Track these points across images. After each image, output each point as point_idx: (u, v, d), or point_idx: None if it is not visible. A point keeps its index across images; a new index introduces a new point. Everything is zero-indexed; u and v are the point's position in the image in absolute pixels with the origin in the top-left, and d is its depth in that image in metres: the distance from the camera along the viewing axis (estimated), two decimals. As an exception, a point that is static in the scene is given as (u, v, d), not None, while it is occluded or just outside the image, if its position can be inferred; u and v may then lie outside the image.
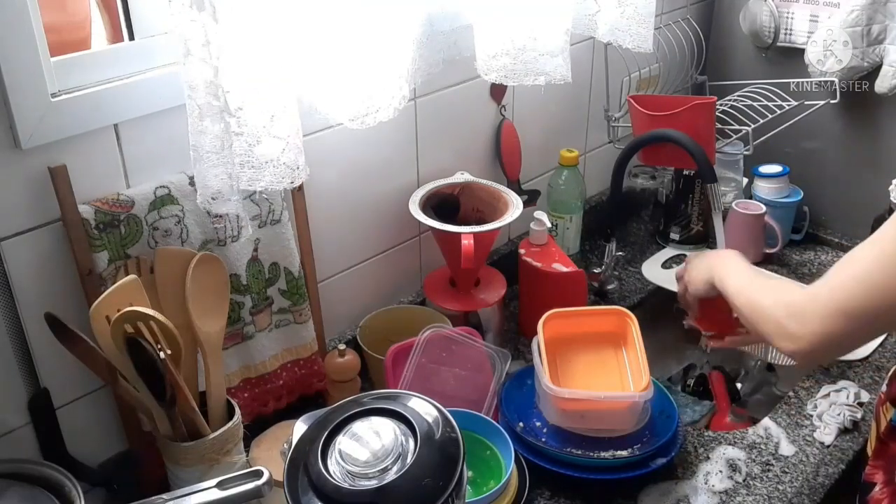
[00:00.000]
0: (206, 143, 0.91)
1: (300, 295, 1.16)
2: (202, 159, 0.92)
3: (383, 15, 1.01)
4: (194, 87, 0.88)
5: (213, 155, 0.92)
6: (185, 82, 0.88)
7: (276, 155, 0.92)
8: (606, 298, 1.54)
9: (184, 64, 0.87)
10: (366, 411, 0.77)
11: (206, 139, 0.91)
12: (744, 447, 1.17)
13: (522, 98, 1.48)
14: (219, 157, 0.92)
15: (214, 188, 0.93)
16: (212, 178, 0.93)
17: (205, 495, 0.86)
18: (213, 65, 0.86)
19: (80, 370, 0.92)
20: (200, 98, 0.88)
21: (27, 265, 0.93)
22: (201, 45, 0.86)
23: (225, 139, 0.91)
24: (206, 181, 0.93)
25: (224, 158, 0.92)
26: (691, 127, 1.37)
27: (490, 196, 1.34)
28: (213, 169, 0.92)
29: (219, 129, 0.90)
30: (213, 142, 0.91)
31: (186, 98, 0.89)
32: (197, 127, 0.90)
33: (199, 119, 0.89)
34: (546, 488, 1.11)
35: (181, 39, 0.86)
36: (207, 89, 0.88)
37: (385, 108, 1.05)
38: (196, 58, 0.86)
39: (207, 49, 0.86)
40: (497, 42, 1.17)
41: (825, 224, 1.72)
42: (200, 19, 0.84)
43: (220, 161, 0.92)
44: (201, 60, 0.86)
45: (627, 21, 1.33)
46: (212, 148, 0.91)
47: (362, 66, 1.02)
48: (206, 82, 0.88)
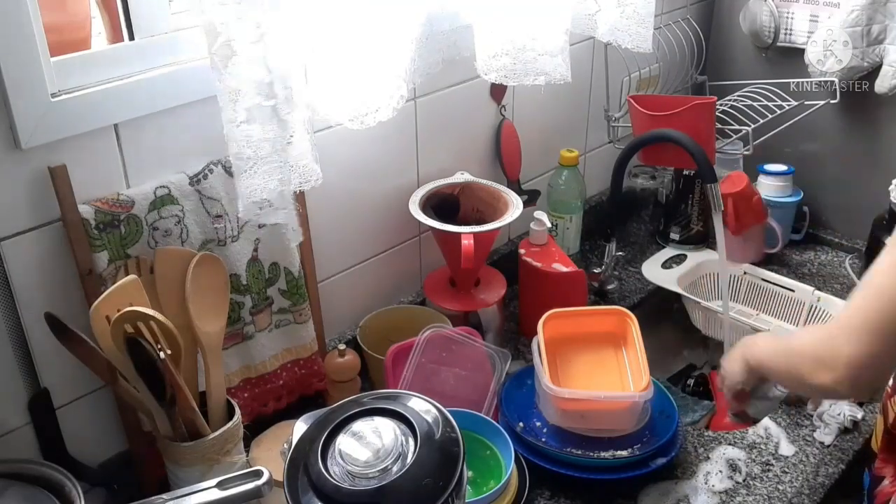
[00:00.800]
0: (249, 151, 0.86)
1: (300, 295, 1.16)
2: (247, 169, 0.87)
3: (383, 15, 1.01)
4: (240, 91, 0.83)
5: (261, 162, 0.87)
6: (226, 88, 0.83)
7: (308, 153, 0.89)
8: (606, 298, 1.54)
9: (225, 67, 0.82)
10: (366, 411, 0.77)
11: (251, 146, 0.86)
12: (744, 447, 1.17)
13: (522, 98, 1.48)
14: (268, 165, 0.87)
15: (262, 197, 0.88)
16: (260, 187, 0.88)
17: (205, 495, 0.86)
18: (266, 64, 0.81)
19: (80, 370, 0.92)
20: (248, 101, 0.84)
21: (27, 265, 0.93)
22: (251, 43, 0.81)
23: (276, 142, 0.86)
24: (253, 191, 0.88)
25: (273, 164, 0.87)
26: (691, 127, 1.37)
27: (490, 196, 1.34)
28: (262, 178, 0.87)
29: (269, 133, 0.86)
30: (260, 147, 0.86)
31: (227, 103, 0.84)
32: (244, 133, 0.85)
33: (246, 124, 0.85)
34: (546, 488, 1.11)
35: (220, 41, 0.81)
36: (258, 90, 0.84)
37: (384, 107, 1.05)
38: (243, 58, 0.82)
39: (260, 45, 0.81)
40: (497, 42, 1.17)
41: (825, 224, 1.72)
42: (251, 15, 0.80)
43: (269, 167, 0.87)
44: (249, 60, 0.82)
45: (627, 21, 1.33)
46: (260, 154, 0.87)
47: (362, 66, 1.02)
48: (255, 83, 0.83)
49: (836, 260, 1.66)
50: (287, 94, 0.85)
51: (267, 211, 0.90)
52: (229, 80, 0.83)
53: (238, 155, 0.87)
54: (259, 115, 0.85)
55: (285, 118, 0.85)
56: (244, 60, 0.82)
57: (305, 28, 0.97)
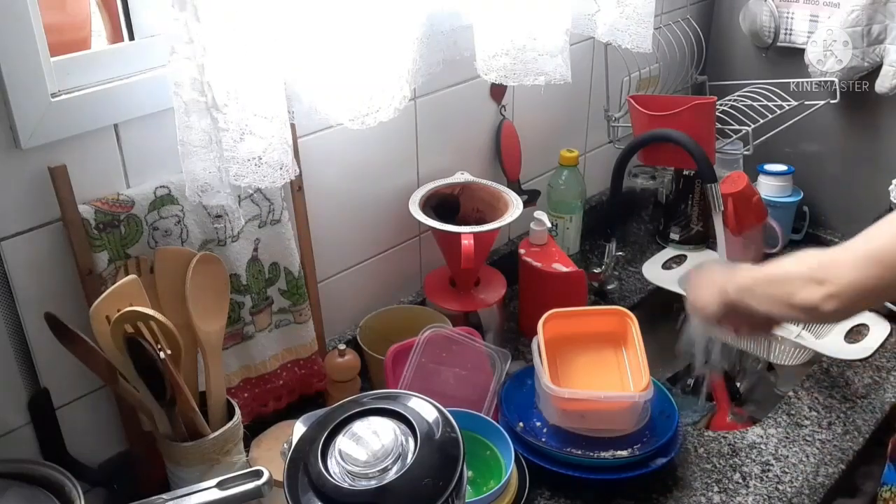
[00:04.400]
0: (193, 138, 0.92)
1: (300, 295, 1.16)
2: (190, 154, 0.93)
3: (384, 15, 1.01)
4: (180, 84, 0.89)
5: (201, 149, 0.93)
6: (170, 80, 0.89)
7: (258, 153, 0.93)
8: (606, 298, 1.54)
9: (169, 62, 0.88)
10: (366, 411, 0.77)
11: (194, 134, 0.92)
12: (744, 447, 1.17)
13: (522, 98, 1.48)
14: (206, 152, 0.93)
15: (202, 181, 0.95)
16: (200, 171, 0.94)
17: (205, 495, 0.86)
18: (198, 62, 0.87)
19: (80, 370, 0.92)
20: (186, 94, 0.89)
21: (27, 265, 0.93)
22: (185, 43, 0.86)
23: (213, 134, 0.92)
24: (195, 174, 0.94)
25: (211, 153, 0.93)
26: (691, 127, 1.37)
27: (490, 196, 1.34)
28: (201, 163, 0.94)
29: (205, 125, 0.91)
30: (200, 137, 0.92)
31: (172, 95, 0.89)
32: (184, 122, 0.91)
33: (185, 115, 0.91)
34: (546, 488, 1.11)
35: (166, 38, 0.87)
36: (192, 86, 0.89)
37: (385, 108, 1.05)
38: (180, 55, 0.87)
39: (191, 47, 0.87)
40: (497, 42, 1.17)
41: (825, 224, 1.72)
42: (182, 18, 0.85)
43: (208, 155, 0.93)
44: (185, 58, 0.87)
45: (627, 21, 1.33)
46: (199, 143, 0.92)
47: (363, 66, 1.02)
48: (190, 79, 0.89)
49: (836, 260, 1.66)
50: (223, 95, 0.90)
51: (208, 193, 0.96)
52: (171, 73, 0.89)
53: (182, 141, 0.92)
54: (195, 108, 0.90)
55: (216, 116, 0.90)
56: (181, 58, 0.88)
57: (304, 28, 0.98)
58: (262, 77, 0.92)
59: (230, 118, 0.91)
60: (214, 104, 0.89)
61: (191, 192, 0.95)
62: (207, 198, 0.96)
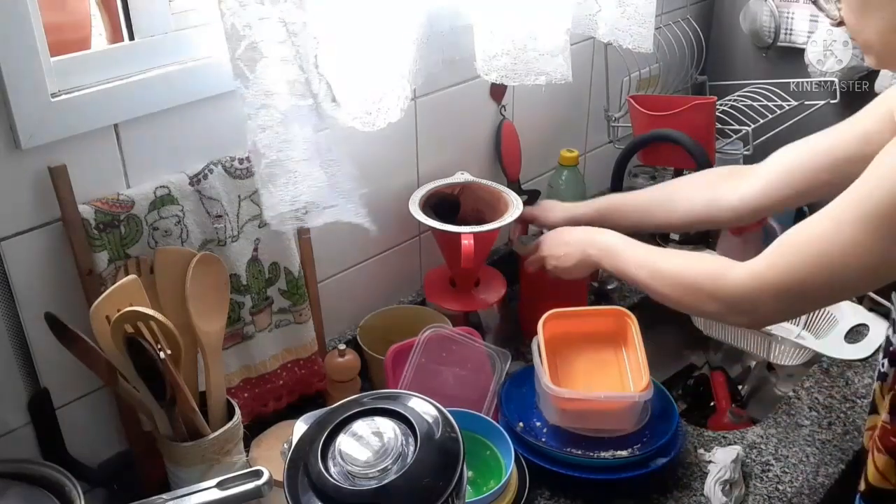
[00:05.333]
0: (293, 154, 0.82)
1: (300, 295, 1.16)
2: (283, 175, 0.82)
3: (384, 15, 1.01)
4: (272, 94, 0.80)
5: (305, 164, 0.83)
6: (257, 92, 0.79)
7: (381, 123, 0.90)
8: (606, 298, 1.54)
9: (252, 72, 0.78)
10: (366, 411, 0.77)
11: (296, 149, 0.82)
12: (744, 447, 1.17)
13: (522, 98, 1.48)
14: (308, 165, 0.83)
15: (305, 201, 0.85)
16: (305, 190, 0.84)
17: (205, 495, 0.86)
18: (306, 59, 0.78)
19: (80, 370, 0.92)
20: (283, 103, 0.81)
21: (27, 265, 0.93)
22: (279, 43, 0.78)
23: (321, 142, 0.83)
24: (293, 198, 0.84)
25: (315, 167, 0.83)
26: (691, 127, 1.38)
27: (490, 196, 1.34)
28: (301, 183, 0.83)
29: (309, 133, 0.83)
30: (305, 148, 0.83)
31: (257, 109, 0.80)
32: (278, 138, 0.81)
33: (282, 127, 0.81)
34: (546, 488, 1.11)
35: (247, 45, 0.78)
36: (293, 90, 0.81)
37: (393, 108, 1.04)
38: (274, 59, 0.79)
39: (292, 42, 0.78)
40: (497, 42, 1.17)
41: (825, 224, 1.72)
42: (275, 14, 0.77)
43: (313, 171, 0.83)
44: (281, 60, 0.79)
45: (628, 21, 1.33)
46: (304, 155, 0.83)
47: (364, 67, 1.01)
48: (289, 83, 0.81)
49: (836, 260, 1.66)
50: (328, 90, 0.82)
51: (313, 214, 0.85)
52: (257, 85, 0.79)
53: (273, 161, 0.82)
54: (296, 115, 0.81)
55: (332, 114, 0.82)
56: (275, 61, 0.78)
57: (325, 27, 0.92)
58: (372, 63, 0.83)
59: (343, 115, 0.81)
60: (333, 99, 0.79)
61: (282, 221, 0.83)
62: (312, 219, 0.85)
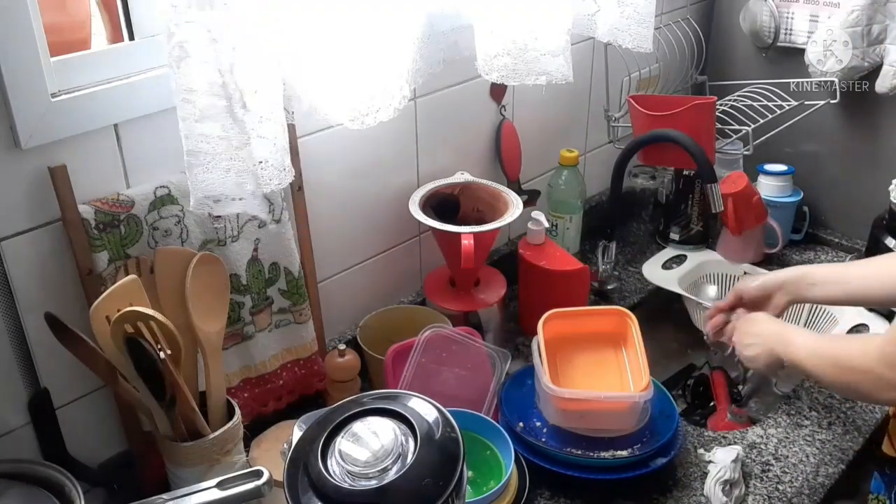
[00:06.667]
0: (205, 147, 0.89)
1: (300, 295, 1.16)
2: (199, 164, 0.90)
3: (384, 15, 1.01)
4: (192, 90, 0.86)
5: (215, 158, 0.90)
6: (179, 87, 0.86)
7: (265, 156, 0.92)
8: (606, 298, 1.54)
9: (178, 68, 0.85)
10: (366, 411, 0.77)
11: (208, 143, 0.89)
12: (744, 447, 1.17)
13: (522, 98, 1.48)
14: (218, 160, 0.90)
15: (216, 191, 0.92)
16: (214, 181, 0.91)
17: (205, 495, 0.86)
18: (221, 64, 0.85)
19: (80, 370, 0.92)
20: (201, 101, 0.87)
21: (27, 265, 0.93)
22: (203, 46, 0.84)
23: (233, 139, 0.89)
24: (207, 185, 0.91)
25: (226, 160, 0.90)
26: (691, 127, 1.38)
27: (490, 196, 1.34)
28: (213, 173, 0.90)
29: (220, 130, 0.89)
30: (214, 145, 0.89)
31: (181, 102, 0.87)
32: (195, 131, 0.88)
33: (197, 122, 0.88)
34: (546, 488, 1.11)
35: (175, 43, 0.84)
36: (211, 90, 0.86)
37: (385, 108, 1.04)
38: (196, 59, 0.85)
39: (214, 48, 0.84)
40: (498, 42, 1.17)
41: (825, 224, 1.72)
42: (202, 19, 0.83)
43: (220, 164, 0.90)
44: (202, 62, 0.85)
45: (627, 21, 1.33)
46: (214, 150, 0.89)
47: (362, 66, 1.02)
48: (208, 83, 0.86)
49: (836, 260, 1.66)
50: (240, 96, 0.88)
51: (222, 203, 0.92)
52: (181, 79, 0.85)
53: (191, 150, 0.89)
54: (211, 112, 0.87)
55: (242, 118, 0.88)
56: (197, 62, 0.85)
57: (305, 28, 0.97)
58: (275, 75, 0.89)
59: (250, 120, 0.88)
60: (243, 105, 0.86)
61: (199, 205, 0.92)
62: (221, 208, 0.93)
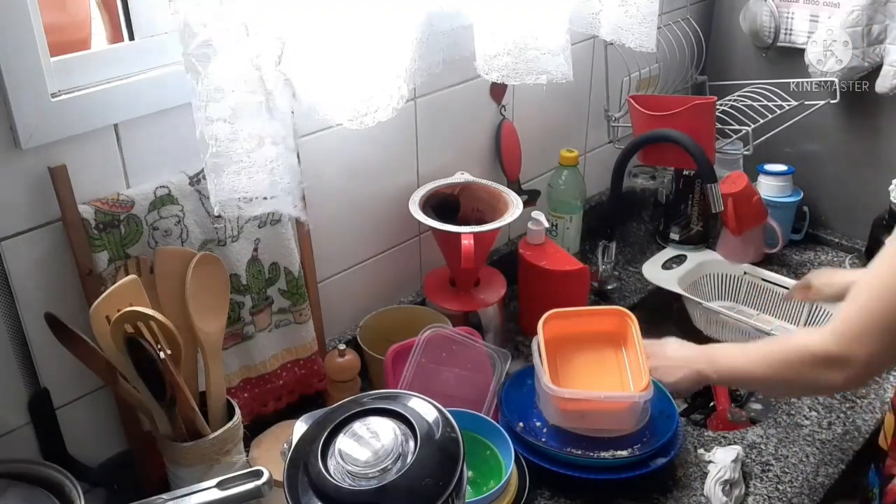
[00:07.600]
0: (236, 146, 0.86)
1: (300, 295, 1.16)
2: (226, 165, 0.86)
3: (383, 15, 1.01)
4: (222, 90, 0.83)
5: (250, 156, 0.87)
6: (206, 87, 0.83)
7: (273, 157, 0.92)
8: (606, 298, 1.54)
9: (206, 66, 0.82)
10: (366, 411, 0.77)
11: (240, 141, 0.86)
12: (744, 447, 1.17)
13: (522, 98, 1.48)
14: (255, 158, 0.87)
15: (250, 192, 0.89)
16: (245, 182, 0.88)
17: (205, 495, 0.86)
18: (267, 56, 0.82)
19: (80, 370, 0.92)
20: (233, 99, 0.84)
21: (27, 265, 0.93)
22: (235, 42, 0.82)
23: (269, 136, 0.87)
24: (237, 186, 0.88)
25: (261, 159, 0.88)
26: (691, 127, 1.38)
27: (490, 196, 1.34)
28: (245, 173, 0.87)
29: (256, 128, 0.86)
30: (247, 142, 0.87)
31: (206, 102, 0.84)
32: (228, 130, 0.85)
33: (227, 123, 0.85)
34: (546, 488, 1.11)
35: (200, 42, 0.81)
36: (245, 87, 0.84)
37: (384, 108, 1.04)
38: (228, 56, 0.82)
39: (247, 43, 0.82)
40: (498, 41, 1.17)
41: (825, 224, 1.72)
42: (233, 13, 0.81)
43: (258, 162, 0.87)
44: (235, 58, 0.83)
45: (630, 20, 1.33)
46: (249, 148, 0.87)
47: (362, 66, 1.01)
48: (242, 80, 0.84)
49: (836, 260, 1.66)
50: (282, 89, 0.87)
51: (254, 203, 0.90)
52: (209, 78, 0.83)
53: (218, 153, 0.87)
54: (245, 111, 0.85)
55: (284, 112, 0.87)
56: (227, 58, 0.83)
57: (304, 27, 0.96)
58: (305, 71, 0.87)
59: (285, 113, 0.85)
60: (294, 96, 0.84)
61: (226, 207, 0.89)
62: (252, 208, 0.90)
